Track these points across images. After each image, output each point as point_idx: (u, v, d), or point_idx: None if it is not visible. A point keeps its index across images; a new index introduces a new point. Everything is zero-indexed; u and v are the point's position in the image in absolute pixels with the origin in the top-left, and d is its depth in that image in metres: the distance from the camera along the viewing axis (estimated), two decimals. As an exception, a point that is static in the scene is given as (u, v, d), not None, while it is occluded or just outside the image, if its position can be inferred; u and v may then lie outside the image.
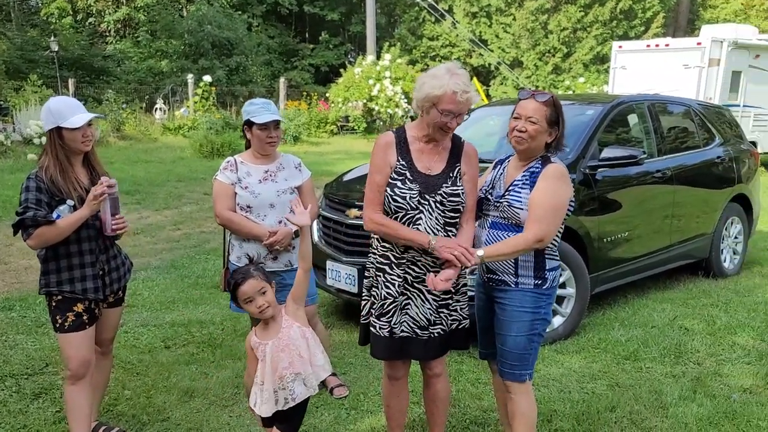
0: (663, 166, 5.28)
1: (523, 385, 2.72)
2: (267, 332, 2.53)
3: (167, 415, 3.43)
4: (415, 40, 31.16)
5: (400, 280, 2.68)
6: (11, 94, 19.31)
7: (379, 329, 2.72)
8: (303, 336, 2.53)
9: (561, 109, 2.65)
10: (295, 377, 2.48)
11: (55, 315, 2.87)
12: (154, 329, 4.64)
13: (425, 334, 2.72)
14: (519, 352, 2.67)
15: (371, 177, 2.70)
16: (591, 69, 27.00)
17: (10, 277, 5.92)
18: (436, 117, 2.58)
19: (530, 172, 2.65)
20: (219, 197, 3.43)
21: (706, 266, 5.98)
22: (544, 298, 2.69)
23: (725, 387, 3.81)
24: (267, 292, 2.49)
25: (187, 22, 26.76)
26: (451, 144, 2.74)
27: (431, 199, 2.63)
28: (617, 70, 14.42)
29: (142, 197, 10.03)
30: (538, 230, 2.56)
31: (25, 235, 2.73)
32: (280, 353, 2.48)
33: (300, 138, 18.49)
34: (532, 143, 2.62)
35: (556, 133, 2.65)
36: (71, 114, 2.81)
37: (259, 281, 2.48)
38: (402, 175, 2.65)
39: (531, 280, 2.66)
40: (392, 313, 2.70)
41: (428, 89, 2.56)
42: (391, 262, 2.69)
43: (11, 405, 3.51)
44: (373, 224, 2.67)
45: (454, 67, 2.63)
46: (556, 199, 2.60)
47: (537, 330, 2.69)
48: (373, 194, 2.68)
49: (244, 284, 2.47)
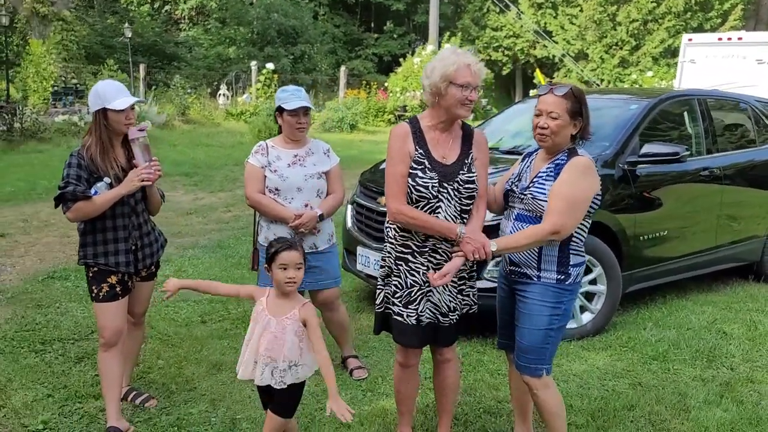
0: (711, 164, 5.10)
1: (540, 381, 2.71)
2: (276, 305, 2.58)
3: (194, 385, 3.62)
4: (478, 30, 30.82)
5: (424, 268, 2.73)
6: (89, 77, 20.38)
7: (406, 317, 2.76)
8: (296, 335, 2.55)
9: (583, 99, 2.64)
10: (268, 362, 2.53)
11: (91, 285, 3.08)
12: (193, 304, 4.87)
13: (446, 320, 2.78)
14: (535, 346, 2.67)
15: (392, 168, 2.72)
16: (661, 63, 25.99)
17: (70, 249, 6.31)
18: (456, 94, 2.61)
19: (555, 164, 2.65)
20: (249, 180, 3.58)
21: (757, 270, 5.74)
22: (566, 294, 2.67)
23: (756, 393, 3.69)
24: (300, 269, 2.56)
25: (255, 10, 27.38)
26: (462, 132, 2.78)
27: (449, 187, 2.68)
28: (686, 64, 13.86)
29: (200, 179, 10.43)
30: (555, 221, 2.55)
31: (65, 208, 2.94)
32: (270, 333, 2.53)
33: (357, 126, 18.68)
34: (555, 138, 2.61)
35: (581, 124, 2.64)
36: (116, 97, 2.99)
37: (300, 256, 2.56)
38: (422, 165, 2.69)
39: (554, 274, 2.65)
40: (419, 300, 2.76)
41: (441, 70, 2.61)
42: (413, 250, 2.74)
43: (55, 366, 3.78)
44: (403, 216, 2.67)
45: (453, 47, 2.70)
46: (577, 192, 2.58)
47: (555, 325, 2.67)
48: (397, 186, 2.69)
49: (289, 251, 2.52)
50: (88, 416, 3.26)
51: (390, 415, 3.29)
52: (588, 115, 2.67)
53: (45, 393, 3.46)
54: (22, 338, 4.15)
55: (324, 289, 3.69)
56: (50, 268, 5.66)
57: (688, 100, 5.28)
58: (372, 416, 3.30)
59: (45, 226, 7.17)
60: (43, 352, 3.98)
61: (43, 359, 3.88)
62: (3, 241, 6.52)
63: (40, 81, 18.10)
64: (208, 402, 3.43)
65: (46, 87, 18.08)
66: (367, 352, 4.09)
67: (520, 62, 31.20)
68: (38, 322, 4.44)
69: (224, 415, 3.30)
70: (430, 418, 3.28)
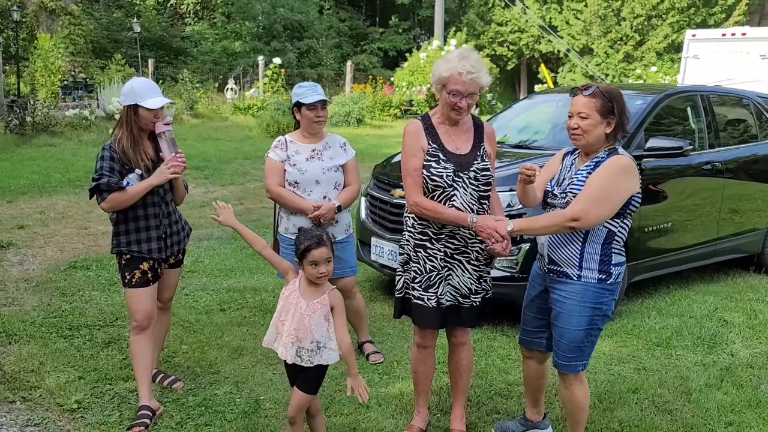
0: (713, 158, 5.24)
1: (577, 376, 2.76)
2: (308, 290, 2.72)
3: (218, 369, 3.79)
4: (483, 25, 30.88)
5: (441, 253, 2.90)
6: (97, 72, 20.55)
7: (427, 300, 2.93)
8: (326, 319, 2.69)
9: (615, 96, 2.63)
10: (294, 341, 2.68)
11: (124, 272, 3.24)
12: (212, 293, 5.05)
13: (467, 302, 2.95)
14: (576, 345, 2.68)
15: (407, 163, 2.88)
16: (665, 58, 26.06)
17: (89, 241, 6.49)
18: (446, 98, 2.80)
19: (595, 162, 2.65)
20: (270, 173, 3.73)
21: (758, 261, 5.89)
22: (608, 294, 2.66)
23: (755, 378, 3.84)
24: (330, 263, 2.69)
25: (261, 5, 27.50)
26: (474, 125, 2.97)
27: (465, 176, 2.84)
28: (689, 60, 13.96)
29: (210, 173, 10.60)
30: (577, 208, 2.54)
31: (100, 199, 3.10)
32: (300, 315, 2.68)
33: (363, 121, 18.82)
34: (589, 138, 2.62)
35: (615, 121, 2.62)
36: (150, 96, 3.14)
37: (329, 250, 2.68)
38: (435, 156, 2.86)
39: (595, 273, 2.63)
40: (438, 284, 2.93)
41: (438, 72, 2.79)
42: (431, 237, 2.91)
43: (84, 351, 3.96)
44: (419, 208, 2.85)
45: (467, 50, 2.83)
46: (609, 186, 2.55)
47: (597, 325, 2.69)
48: (412, 179, 2.87)
49: (318, 249, 2.63)
50: (118, 397, 3.43)
51: (406, 396, 3.46)
52: (623, 112, 2.64)
53: (76, 375, 3.63)
54: (50, 324, 4.32)
55: (342, 278, 3.84)
56: (71, 258, 5.84)
57: (691, 95, 5.42)
58: (389, 398, 3.47)
59: (62, 218, 7.35)
60: (71, 337, 4.16)
61: (72, 344, 4.05)
62: (23, 232, 6.70)
63: (48, 75, 18.27)
64: (232, 384, 3.61)
65: (54, 81, 18.24)
66: (382, 338, 4.26)
67: (525, 57, 31.28)
68: (64, 309, 4.62)
69: (248, 396, 3.47)
70: (444, 399, 3.45)
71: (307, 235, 2.68)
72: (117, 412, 3.27)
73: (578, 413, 2.85)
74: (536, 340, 2.95)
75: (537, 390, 3.12)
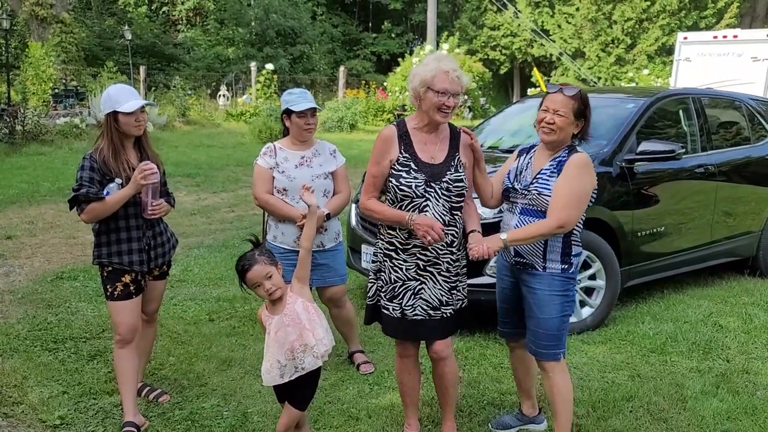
0: (705, 161, 5.21)
1: (560, 364, 2.89)
2: (275, 308, 2.70)
3: (205, 381, 3.72)
4: (475, 29, 30.94)
5: (411, 265, 2.84)
6: (89, 80, 20.46)
7: (392, 311, 2.89)
8: (306, 309, 2.68)
9: (588, 103, 2.82)
10: (304, 348, 2.65)
11: (106, 284, 3.17)
12: (201, 303, 4.97)
13: (438, 314, 2.88)
14: (553, 332, 2.83)
15: (369, 167, 2.90)
16: (656, 60, 26.14)
17: (77, 251, 6.40)
18: (433, 98, 2.73)
19: (557, 161, 2.81)
20: (258, 180, 3.68)
21: (753, 265, 5.85)
22: (571, 282, 2.87)
23: (751, 384, 3.79)
24: (273, 276, 2.62)
25: (253, 11, 27.48)
26: (450, 134, 2.90)
27: (437, 187, 2.79)
28: (681, 62, 13.99)
29: (202, 180, 10.53)
30: (561, 217, 2.72)
31: (79, 210, 3.04)
32: (287, 327, 2.64)
33: (356, 126, 18.78)
34: (560, 134, 2.78)
35: (582, 125, 2.82)
36: (126, 100, 3.08)
37: (264, 266, 2.60)
38: (406, 166, 2.81)
39: (558, 264, 2.82)
40: (403, 295, 2.87)
41: (420, 76, 2.75)
42: (397, 248, 2.86)
43: (69, 364, 3.88)
44: (365, 209, 2.90)
45: (441, 55, 2.83)
46: (579, 188, 2.76)
47: (568, 312, 2.88)
48: (367, 183, 2.91)
49: (250, 271, 2.59)
50: (103, 412, 3.36)
51: (397, 408, 3.39)
52: (590, 119, 2.85)
53: (60, 390, 3.55)
54: (35, 337, 4.24)
55: (331, 286, 3.79)
56: (58, 269, 5.76)
57: (683, 98, 5.39)
58: (379, 409, 3.41)
59: (50, 228, 7.26)
60: (56, 350, 4.07)
61: (56, 357, 3.97)
62: (10, 242, 6.61)
63: (39, 83, 18.17)
64: (220, 396, 3.54)
65: (45, 89, 18.15)
66: (373, 348, 4.20)
67: (517, 61, 31.34)
68: (50, 321, 4.54)
69: (236, 409, 3.40)
70: (436, 411, 3.37)
71: (240, 261, 2.66)
72: (101, 428, 3.19)
73: (562, 404, 2.91)
74: (517, 331, 3.04)
75: (528, 378, 3.21)
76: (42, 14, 21.27)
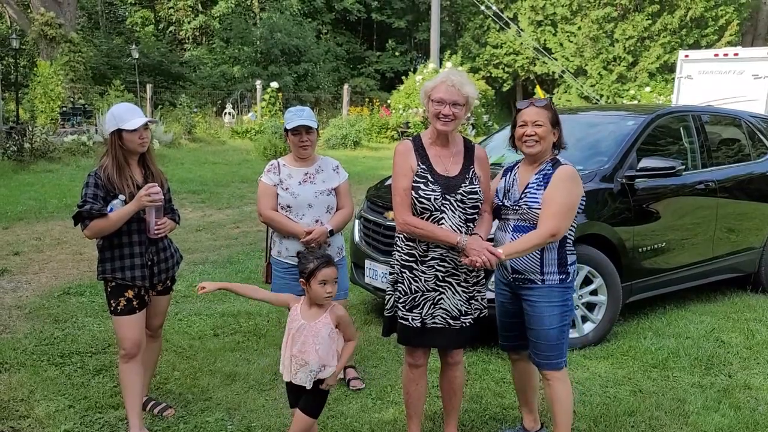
0: (706, 177, 5.25)
1: (561, 372, 2.95)
2: (310, 312, 2.75)
3: (210, 395, 3.75)
4: (478, 48, 31.16)
5: (430, 276, 2.90)
6: (96, 98, 20.68)
7: (411, 321, 2.94)
8: (330, 337, 2.73)
9: (556, 111, 2.94)
10: (303, 363, 2.69)
11: (110, 299, 3.22)
12: (205, 318, 5.01)
13: (457, 324, 2.95)
14: (553, 342, 2.90)
15: (397, 183, 2.93)
16: (658, 78, 26.25)
17: (84, 266, 6.46)
18: (431, 108, 2.86)
19: (543, 174, 2.88)
20: (262, 197, 3.74)
21: (755, 281, 5.86)
22: (569, 291, 2.94)
23: (753, 399, 3.80)
24: (336, 283, 2.76)
25: (259, 30, 27.76)
26: (464, 148, 2.98)
27: (452, 199, 2.86)
28: (683, 80, 14.08)
29: (207, 196, 10.61)
30: (552, 225, 2.78)
31: (83, 226, 3.10)
32: (305, 337, 2.70)
33: (360, 143, 18.90)
34: (543, 144, 2.86)
35: (558, 133, 2.92)
36: (129, 118, 3.16)
37: (336, 271, 2.75)
38: (424, 178, 2.88)
39: (556, 275, 2.89)
40: (423, 305, 2.93)
41: (425, 88, 2.90)
42: (417, 259, 2.92)
43: (75, 379, 3.92)
44: (408, 227, 2.89)
45: (452, 69, 3.01)
46: (569, 198, 2.83)
47: (567, 321, 2.94)
48: (401, 198, 2.91)
49: (329, 267, 2.69)
50: (108, 426, 3.39)
51: (399, 422, 3.42)
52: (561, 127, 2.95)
53: (66, 404, 3.59)
54: (41, 352, 4.29)
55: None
56: (65, 285, 5.81)
57: (683, 115, 5.44)
58: (382, 423, 3.43)
59: (58, 244, 7.33)
60: (62, 365, 4.12)
61: (62, 372, 4.01)
62: (18, 258, 6.68)
63: (47, 102, 18.39)
64: (224, 411, 3.57)
65: (53, 107, 18.35)
66: (376, 362, 4.22)
67: (520, 79, 31.50)
68: (56, 336, 4.58)
69: (240, 423, 3.43)
70: (438, 425, 3.40)
71: (316, 255, 2.74)
72: (106, 441, 3.23)
73: (561, 413, 2.95)
74: (519, 344, 3.10)
75: (529, 391, 3.24)
76: (51, 34, 21.56)
